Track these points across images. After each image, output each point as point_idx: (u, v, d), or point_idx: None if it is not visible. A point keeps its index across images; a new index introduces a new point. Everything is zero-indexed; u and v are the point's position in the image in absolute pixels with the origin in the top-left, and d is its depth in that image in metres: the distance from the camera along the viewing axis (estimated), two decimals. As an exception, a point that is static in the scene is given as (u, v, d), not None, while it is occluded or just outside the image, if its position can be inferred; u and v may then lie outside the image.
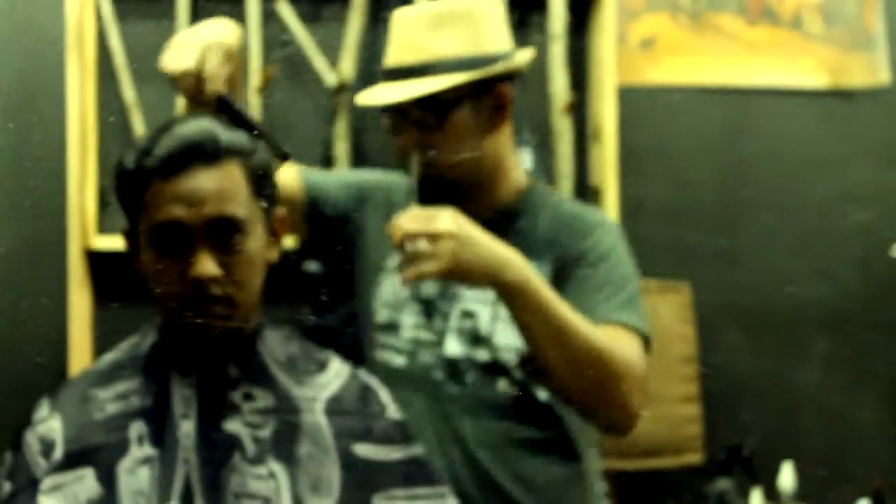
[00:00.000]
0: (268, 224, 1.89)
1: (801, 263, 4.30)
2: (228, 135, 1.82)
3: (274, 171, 1.91)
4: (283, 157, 1.95)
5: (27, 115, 3.66)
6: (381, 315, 2.31)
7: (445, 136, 2.21)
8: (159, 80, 3.74)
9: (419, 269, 1.91)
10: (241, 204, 1.81)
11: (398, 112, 2.23)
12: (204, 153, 1.79)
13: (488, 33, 2.24)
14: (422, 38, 2.20)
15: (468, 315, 2.25)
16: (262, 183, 1.86)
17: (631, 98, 4.11)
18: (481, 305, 2.24)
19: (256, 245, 1.84)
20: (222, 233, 1.79)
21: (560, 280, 2.18)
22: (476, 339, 2.23)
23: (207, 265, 1.77)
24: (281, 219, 1.94)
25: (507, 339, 2.20)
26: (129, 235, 1.90)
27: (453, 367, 2.22)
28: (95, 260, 3.55)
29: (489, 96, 2.24)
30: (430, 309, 2.28)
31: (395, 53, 2.24)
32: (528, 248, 2.12)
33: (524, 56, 2.35)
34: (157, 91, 3.76)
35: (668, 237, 4.18)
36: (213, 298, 1.79)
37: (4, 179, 3.60)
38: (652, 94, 4.22)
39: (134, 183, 1.82)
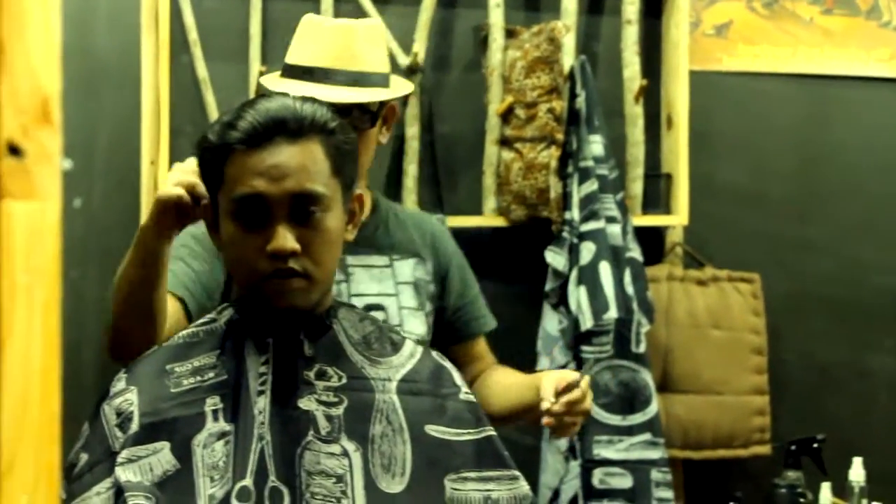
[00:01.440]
0: (346, 203, 1.89)
1: (877, 253, 4.25)
2: (312, 112, 1.82)
3: (356, 151, 1.91)
4: None
5: (102, 93, 3.68)
6: None
7: (367, 140, 2.42)
8: (232, 57, 3.77)
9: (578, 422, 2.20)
10: (321, 180, 1.81)
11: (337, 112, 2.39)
12: (287, 129, 1.80)
13: (386, 52, 2.53)
14: (359, 50, 2.40)
15: (373, 308, 2.40)
16: (342, 161, 1.86)
17: (704, 84, 4.08)
18: (385, 298, 2.45)
19: (334, 222, 1.85)
20: (302, 208, 1.80)
21: (446, 280, 2.55)
22: None
23: (286, 239, 1.77)
24: (358, 198, 1.94)
25: (412, 327, 2.45)
26: (209, 209, 1.90)
27: None
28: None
29: (384, 108, 2.49)
30: None
31: (329, 57, 2.40)
32: (415, 249, 2.52)
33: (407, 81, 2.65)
34: (229, 68, 3.77)
35: (739, 225, 4.15)
36: (291, 272, 1.80)
37: (79, 156, 3.62)
38: (725, 81, 4.18)
39: (216, 156, 1.83)
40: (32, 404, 0.72)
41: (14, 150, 0.72)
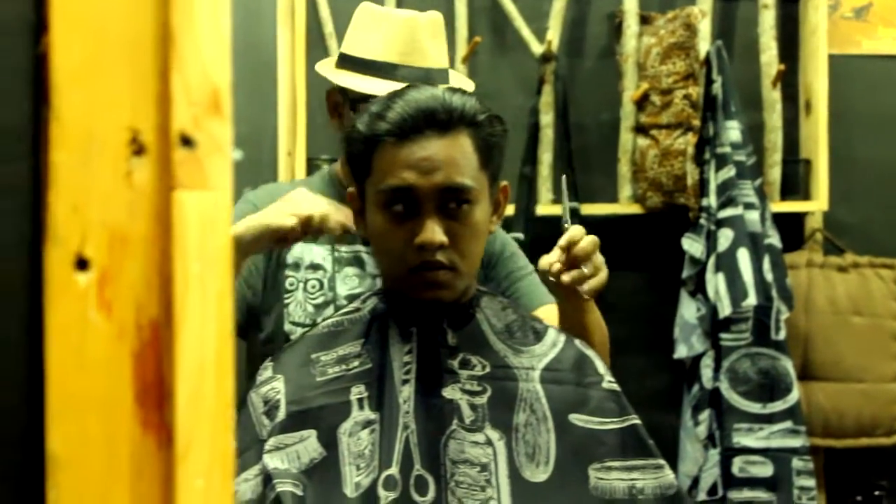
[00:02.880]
0: (492, 195, 1.89)
1: None
2: (461, 104, 1.82)
3: (503, 143, 1.90)
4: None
5: (239, 87, 3.73)
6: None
7: None
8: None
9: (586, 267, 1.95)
10: (470, 174, 1.81)
11: None
12: (437, 121, 1.79)
13: (446, 46, 2.42)
14: (425, 45, 2.33)
15: None
16: (490, 154, 1.85)
17: (843, 68, 4.01)
18: None
19: (481, 215, 1.84)
20: (450, 201, 1.80)
21: (495, 268, 2.39)
22: None
23: (435, 232, 1.77)
24: (503, 190, 1.94)
25: None
26: (355, 198, 1.92)
27: None
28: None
29: None
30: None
31: (396, 52, 2.32)
32: None
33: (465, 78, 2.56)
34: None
35: (880, 211, 4.08)
36: (437, 265, 1.80)
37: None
38: (865, 64, 4.11)
39: (365, 146, 1.83)
40: (207, 391, 0.73)
41: (186, 141, 0.73)
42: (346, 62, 2.39)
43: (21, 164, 0.74)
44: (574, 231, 1.88)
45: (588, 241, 1.89)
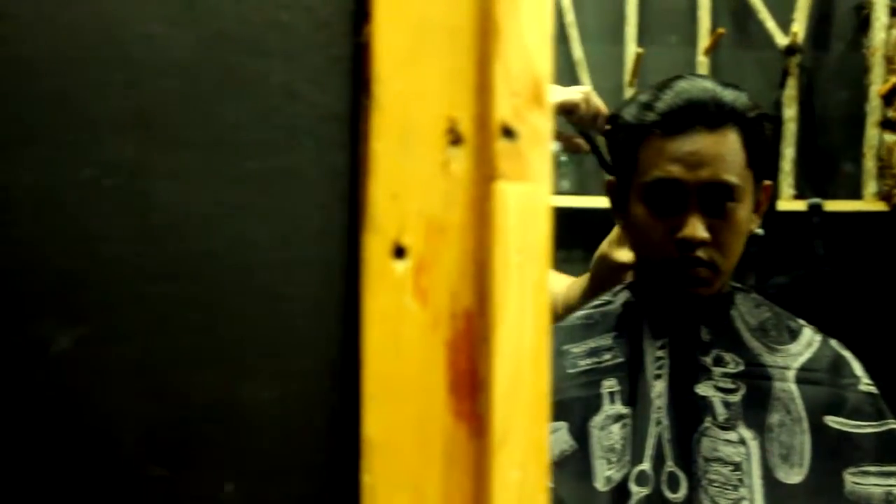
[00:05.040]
0: (755, 194, 1.86)
1: None
2: (733, 99, 1.79)
3: (771, 142, 1.87)
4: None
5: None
6: None
7: None
8: (605, 39, 3.79)
9: None
10: (736, 171, 1.78)
11: None
12: (707, 115, 1.77)
13: None
14: None
15: None
16: (757, 152, 1.82)
17: None
18: None
19: (744, 213, 1.81)
20: (715, 197, 1.77)
21: None
22: None
23: (698, 228, 1.75)
24: (765, 189, 1.90)
25: None
26: (615, 188, 1.91)
27: None
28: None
29: None
30: None
31: None
32: None
33: None
34: (602, 49, 3.79)
35: None
36: (698, 261, 1.77)
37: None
38: None
39: (632, 137, 1.82)
40: (524, 382, 0.73)
41: (508, 133, 0.73)
42: None
43: (342, 152, 0.75)
44: None
45: None
